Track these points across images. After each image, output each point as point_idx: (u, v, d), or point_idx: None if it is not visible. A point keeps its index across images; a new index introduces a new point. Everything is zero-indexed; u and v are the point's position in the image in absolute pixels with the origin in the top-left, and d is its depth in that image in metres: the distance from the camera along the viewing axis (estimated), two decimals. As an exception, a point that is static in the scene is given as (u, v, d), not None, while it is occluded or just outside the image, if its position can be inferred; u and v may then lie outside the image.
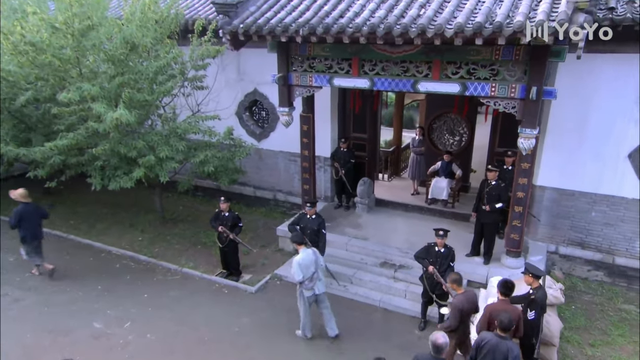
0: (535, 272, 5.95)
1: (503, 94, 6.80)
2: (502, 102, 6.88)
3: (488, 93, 6.88)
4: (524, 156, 7.35)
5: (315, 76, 8.05)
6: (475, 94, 6.99)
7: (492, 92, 6.85)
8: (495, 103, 6.94)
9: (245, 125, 11.37)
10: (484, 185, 8.21)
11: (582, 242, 8.71)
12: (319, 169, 10.87)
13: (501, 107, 6.91)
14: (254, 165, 11.60)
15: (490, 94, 6.88)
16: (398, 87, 7.50)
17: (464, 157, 11.21)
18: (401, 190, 11.70)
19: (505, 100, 6.84)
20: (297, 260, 6.74)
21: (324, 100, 10.08)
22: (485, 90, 6.89)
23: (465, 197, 11.20)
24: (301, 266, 6.73)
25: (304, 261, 6.76)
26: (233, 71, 10.99)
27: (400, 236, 9.45)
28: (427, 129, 11.68)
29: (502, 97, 6.84)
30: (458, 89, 7.06)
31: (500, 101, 6.89)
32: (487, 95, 6.90)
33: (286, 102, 8.41)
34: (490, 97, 6.92)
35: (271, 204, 11.80)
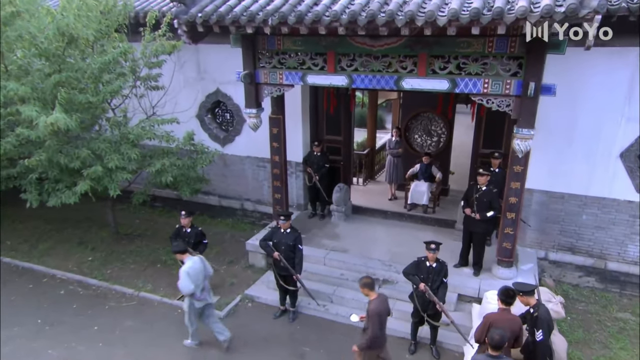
0: (524, 289, 5.29)
1: (497, 91, 6.12)
2: (496, 99, 6.20)
3: (480, 90, 6.18)
4: (516, 158, 6.71)
5: (285, 73, 7.14)
6: (465, 91, 6.27)
7: (485, 89, 6.16)
8: (488, 101, 6.25)
9: (208, 128, 10.31)
10: (472, 190, 7.53)
11: (573, 247, 8.20)
12: (291, 174, 9.96)
13: (495, 105, 6.23)
14: (218, 172, 10.55)
15: (482, 91, 6.18)
16: (380, 85, 6.69)
17: (442, 159, 10.58)
18: (378, 195, 10.95)
19: (500, 98, 6.17)
20: (184, 270, 6.08)
21: (295, 100, 9.18)
22: (477, 86, 6.19)
23: (445, 200, 10.58)
24: (190, 276, 6.08)
25: (193, 270, 6.13)
26: (192, 69, 9.91)
27: (381, 247, 8.67)
28: (404, 130, 10.98)
29: (495, 94, 6.16)
30: (447, 86, 6.33)
31: (494, 99, 6.20)
32: (479, 92, 6.21)
33: (253, 102, 7.45)
34: (483, 95, 6.22)
35: (239, 214, 10.78)
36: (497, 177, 7.97)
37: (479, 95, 6.25)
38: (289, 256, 7.04)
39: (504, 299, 5.34)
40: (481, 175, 7.35)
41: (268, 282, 8.06)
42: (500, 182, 7.99)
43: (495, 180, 7.92)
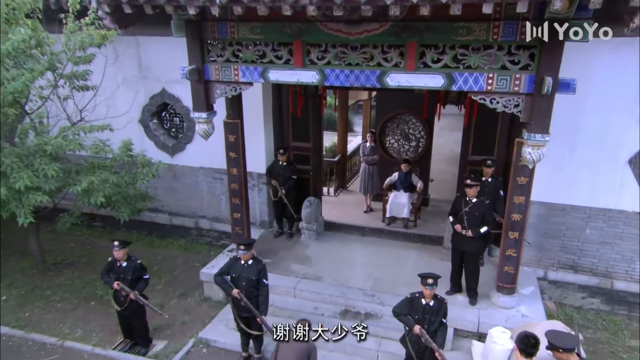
0: (565, 345, 4.10)
1: (503, 88, 4.96)
2: (502, 98, 5.04)
3: (483, 87, 5.01)
4: (520, 168, 5.60)
5: (242, 68, 5.75)
6: (465, 88, 5.09)
7: (489, 86, 4.99)
8: (492, 100, 5.09)
9: (154, 136, 8.74)
10: (460, 203, 6.38)
11: (575, 264, 7.20)
12: (253, 188, 8.55)
13: (500, 105, 5.08)
14: (168, 186, 8.99)
15: (485, 88, 5.01)
16: (359, 82, 5.41)
17: (422, 166, 9.44)
18: (352, 208, 9.70)
19: (506, 96, 5.01)
20: None
21: (255, 101, 7.80)
22: (478, 83, 5.01)
23: (426, 212, 9.46)
24: None
25: None
26: (133, 66, 8.33)
27: (361, 271, 7.40)
28: (379, 134, 9.78)
29: (501, 92, 5.00)
30: (442, 83, 5.12)
31: (499, 97, 5.05)
32: (481, 89, 5.03)
33: (203, 105, 6.01)
34: (486, 93, 5.05)
35: (193, 234, 9.25)
36: (489, 188, 6.89)
37: (481, 93, 5.07)
38: (252, 293, 5.67)
39: (525, 348, 4.21)
40: (470, 187, 6.21)
41: (227, 320, 6.62)
42: (492, 193, 6.94)
43: (487, 190, 6.84)
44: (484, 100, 5.11)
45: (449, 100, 6.69)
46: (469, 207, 6.21)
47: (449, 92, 6.49)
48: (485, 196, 6.64)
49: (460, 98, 6.49)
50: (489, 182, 6.95)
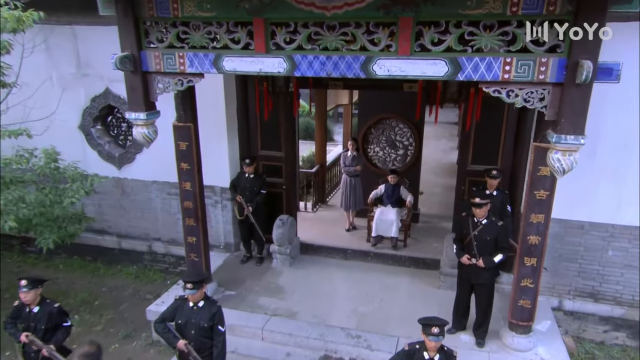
0: None
1: (524, 77, 3.82)
2: (523, 90, 3.91)
3: (498, 75, 3.87)
4: (538, 179, 4.49)
5: (189, 55, 4.49)
6: (474, 77, 3.93)
7: (506, 74, 3.85)
8: (509, 93, 3.95)
9: (97, 144, 7.37)
10: (466, 226, 5.20)
11: (595, 292, 6.10)
12: (215, 204, 7.26)
13: (520, 99, 3.94)
14: (115, 203, 7.62)
15: (501, 77, 3.87)
16: (338, 71, 4.22)
17: (411, 177, 8.30)
18: (332, 226, 8.46)
19: (529, 87, 3.88)
20: None
21: (216, 102, 6.58)
22: (492, 70, 3.87)
23: (417, 229, 8.30)
24: None
25: None
26: (69, 61, 6.99)
27: (343, 305, 6.15)
28: (361, 142, 8.62)
29: (522, 82, 3.87)
30: (445, 71, 3.96)
31: (519, 89, 3.91)
32: (495, 79, 3.89)
33: (140, 102, 4.72)
34: (502, 83, 3.91)
35: (146, 260, 7.86)
36: (495, 202, 5.76)
37: (494, 84, 3.93)
38: (204, 345, 4.37)
39: None
40: (479, 206, 5.03)
41: (178, 372, 5.28)
42: (498, 209, 5.82)
43: (492, 205, 5.69)
44: (499, 94, 3.97)
45: (447, 97, 5.55)
46: (478, 231, 5.04)
47: (447, 88, 5.37)
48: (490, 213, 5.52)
49: (461, 94, 5.37)
50: (494, 195, 5.84)
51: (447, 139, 16.87)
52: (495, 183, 5.88)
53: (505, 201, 5.97)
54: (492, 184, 5.88)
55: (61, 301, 6.43)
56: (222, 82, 6.51)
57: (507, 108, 5.96)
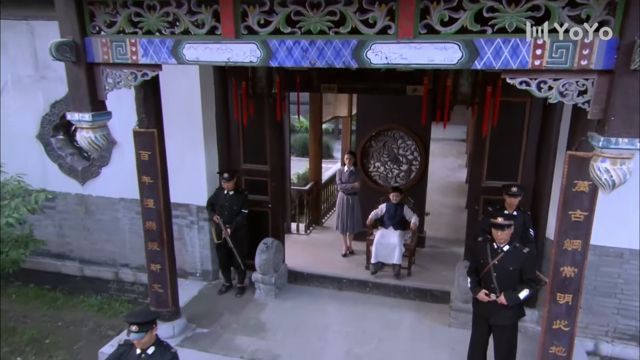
0: None
1: (561, 63, 3.03)
2: (558, 81, 3.11)
3: (527, 62, 3.08)
4: (573, 196, 3.67)
5: (143, 42, 3.74)
6: (495, 64, 3.15)
7: (537, 60, 3.06)
8: (540, 85, 3.15)
9: (58, 156, 6.60)
10: (483, 253, 4.34)
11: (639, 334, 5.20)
12: (190, 226, 6.45)
13: (555, 92, 3.14)
14: (78, 224, 6.81)
15: (530, 65, 3.08)
16: (323, 59, 3.45)
17: (416, 195, 7.46)
18: (327, 250, 7.61)
19: (567, 77, 3.09)
20: None
21: (191, 105, 5.85)
22: (519, 55, 3.08)
23: (422, 254, 7.44)
24: None
25: None
26: (25, 62, 6.28)
27: (336, 345, 5.25)
28: (360, 156, 7.84)
29: (558, 70, 3.07)
30: (458, 57, 3.18)
31: (553, 80, 3.12)
32: (523, 66, 3.10)
33: (85, 101, 3.95)
34: (531, 72, 3.12)
35: (112, 289, 6.99)
36: (516, 225, 4.88)
37: (522, 73, 3.14)
38: (153, 404, 3.49)
39: None
40: (501, 228, 4.19)
41: None
42: (520, 233, 4.99)
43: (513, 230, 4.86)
44: (527, 86, 3.18)
45: (459, 98, 4.71)
46: (498, 259, 4.20)
47: (457, 87, 4.57)
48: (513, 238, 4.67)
49: (475, 95, 4.56)
50: (514, 216, 4.99)
51: (455, 156, 16.18)
52: (516, 202, 5.05)
53: (527, 224, 5.15)
54: (511, 203, 5.05)
55: (6, 339, 5.62)
56: (199, 82, 5.79)
57: (528, 110, 5.17)
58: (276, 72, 5.04)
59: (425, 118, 4.92)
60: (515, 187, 5.04)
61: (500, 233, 4.17)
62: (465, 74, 4.45)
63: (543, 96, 3.17)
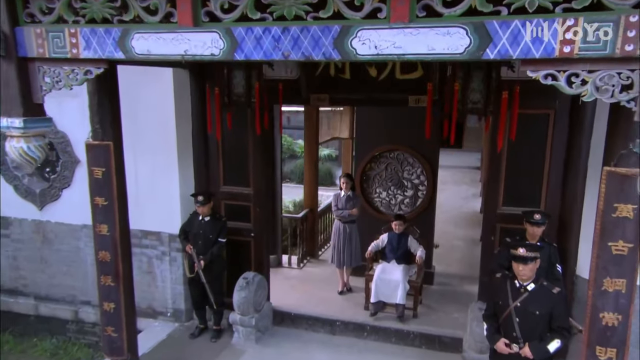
0: None
1: (598, 50, 2.47)
2: (595, 73, 2.54)
3: (553, 50, 2.52)
4: (613, 223, 3.04)
5: (85, 32, 3.25)
6: (513, 53, 2.60)
7: (566, 46, 2.50)
8: (571, 79, 2.59)
9: (13, 177, 6.11)
10: (503, 291, 3.69)
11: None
12: (162, 257, 5.88)
13: (590, 87, 2.57)
14: (34, 254, 6.24)
15: (557, 52, 2.53)
16: (299, 51, 2.93)
17: (423, 224, 6.85)
18: (321, 286, 6.97)
19: (606, 68, 2.52)
20: None
21: (163, 115, 5.41)
22: (542, 41, 2.53)
23: (430, 293, 6.81)
24: None
25: None
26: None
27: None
28: (359, 180, 7.28)
29: (594, 60, 2.51)
30: (466, 45, 2.64)
31: (588, 72, 2.55)
32: (549, 55, 2.54)
33: (17, 103, 3.45)
34: (560, 62, 2.57)
35: (70, 330, 6.35)
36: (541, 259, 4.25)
37: (546, 63, 2.59)
38: None
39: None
40: (524, 261, 3.55)
41: None
42: (544, 268, 4.33)
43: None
44: (554, 80, 2.62)
45: (469, 107, 4.09)
46: (521, 301, 3.55)
47: (467, 92, 3.98)
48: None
49: (488, 101, 3.97)
50: (540, 247, 4.33)
51: (468, 184, 15.60)
52: (539, 232, 4.42)
53: (553, 258, 4.50)
54: (534, 233, 4.42)
55: None
56: (172, 90, 5.32)
57: (552, 123, 4.61)
58: (256, 77, 4.54)
59: (430, 132, 4.33)
60: (538, 214, 4.41)
61: (523, 268, 3.53)
62: (477, 77, 3.92)
63: (574, 93, 2.60)
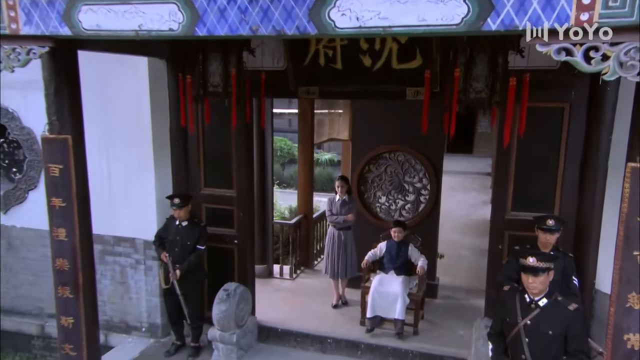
0: None
1: (623, 16, 2.12)
2: (619, 46, 2.19)
3: (567, 17, 2.17)
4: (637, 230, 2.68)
5: (24, 5, 2.93)
6: (519, 24, 2.26)
7: (584, 13, 2.16)
8: (589, 54, 2.23)
9: (-23, 176, 5.84)
10: (511, 306, 3.33)
11: None
12: (136, 266, 5.57)
13: (612, 64, 2.21)
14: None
15: (573, 21, 2.18)
16: (269, 24, 2.60)
17: (425, 232, 6.48)
18: (315, 299, 6.64)
19: (632, 39, 2.17)
20: None
21: (137, 110, 5.11)
22: (552, 7, 2.19)
23: (434, 308, 6.45)
24: None
25: None
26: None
27: None
28: (357, 182, 6.93)
29: (617, 28, 2.16)
30: (463, 14, 2.30)
31: (610, 44, 2.20)
32: (561, 23, 2.20)
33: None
34: (576, 33, 2.21)
35: (36, 347, 6.00)
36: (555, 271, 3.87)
37: (555, 36, 2.23)
38: None
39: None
40: (533, 273, 3.17)
41: None
42: (558, 283, 3.99)
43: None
44: (570, 55, 2.27)
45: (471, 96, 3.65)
46: (532, 318, 3.17)
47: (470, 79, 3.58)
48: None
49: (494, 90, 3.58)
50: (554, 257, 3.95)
51: (478, 191, 15.21)
52: (553, 239, 4.05)
53: (569, 269, 4.12)
54: (547, 242, 4.04)
55: None
56: (148, 80, 5.02)
57: (567, 117, 4.25)
58: (234, 65, 4.22)
59: (427, 125, 3.97)
60: (551, 219, 4.04)
61: (533, 280, 3.15)
62: (481, 62, 3.57)
63: (593, 70, 2.25)
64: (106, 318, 5.63)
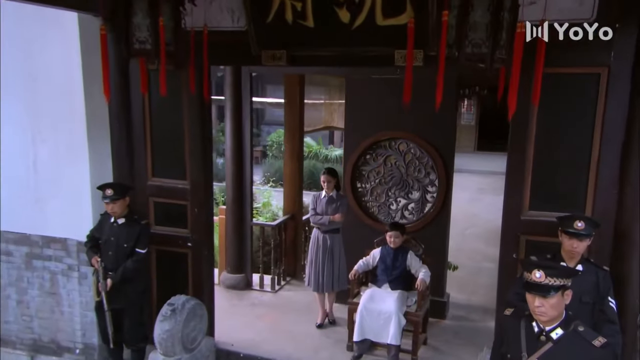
0: None
1: None
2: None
3: None
4: None
5: None
6: None
7: None
8: None
9: None
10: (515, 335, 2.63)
11: None
12: (68, 273, 5.10)
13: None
14: None
15: None
16: None
17: (432, 239, 5.81)
18: (296, 317, 6.11)
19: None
20: None
21: (66, 76, 4.60)
22: None
23: (440, 331, 5.80)
24: None
25: None
26: None
27: None
28: (350, 176, 6.28)
29: None
30: None
31: None
32: None
33: None
34: None
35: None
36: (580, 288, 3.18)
37: None
38: None
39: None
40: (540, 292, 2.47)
41: None
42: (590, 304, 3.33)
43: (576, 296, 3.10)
44: None
45: (469, 50, 2.91)
46: (542, 356, 2.46)
47: (464, 31, 2.84)
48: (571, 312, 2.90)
49: (498, 42, 2.86)
50: (576, 272, 3.25)
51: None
52: (582, 247, 3.38)
53: (603, 288, 3.42)
54: (574, 250, 3.36)
55: None
56: (79, 46, 4.48)
57: (604, 87, 3.53)
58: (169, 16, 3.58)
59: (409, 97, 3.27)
60: (581, 220, 3.33)
61: (541, 302, 2.44)
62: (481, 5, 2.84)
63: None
64: (33, 337, 5.13)
